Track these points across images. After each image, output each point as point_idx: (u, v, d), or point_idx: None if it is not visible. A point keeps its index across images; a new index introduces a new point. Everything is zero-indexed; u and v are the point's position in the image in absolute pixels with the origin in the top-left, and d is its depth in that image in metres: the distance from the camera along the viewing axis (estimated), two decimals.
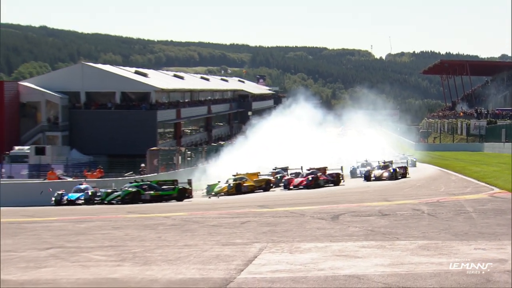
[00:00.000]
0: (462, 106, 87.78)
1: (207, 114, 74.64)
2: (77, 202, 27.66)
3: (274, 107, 73.50)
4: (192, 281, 7.70)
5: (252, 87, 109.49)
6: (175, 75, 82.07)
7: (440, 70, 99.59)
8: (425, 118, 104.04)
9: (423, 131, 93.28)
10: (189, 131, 70.90)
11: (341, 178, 33.68)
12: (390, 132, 78.79)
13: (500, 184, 23.19)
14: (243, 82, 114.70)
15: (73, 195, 28.21)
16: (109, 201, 26.91)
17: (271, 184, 33.78)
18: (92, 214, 19.38)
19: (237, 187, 31.24)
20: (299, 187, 31.34)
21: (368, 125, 65.43)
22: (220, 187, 31.17)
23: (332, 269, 8.15)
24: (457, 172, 34.70)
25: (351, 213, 15.09)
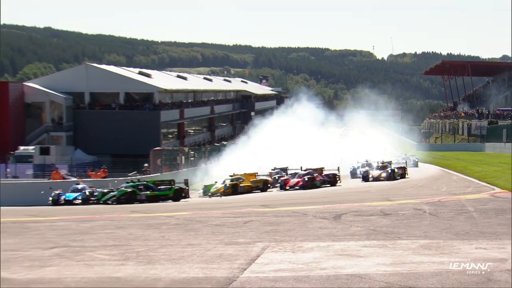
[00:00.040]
0: (464, 107, 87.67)
1: (210, 115, 74.67)
2: (75, 202, 27.45)
3: (277, 108, 73.45)
4: (196, 280, 7.73)
5: (255, 88, 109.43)
6: (179, 76, 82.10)
7: (442, 71, 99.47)
8: (427, 119, 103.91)
9: (425, 131, 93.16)
10: (192, 131, 70.96)
11: (338, 179, 33.35)
12: (392, 132, 78.68)
13: (501, 184, 23.18)
14: (246, 83, 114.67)
15: (71, 195, 27.99)
16: (105, 201, 26.74)
17: (269, 185, 33.42)
18: (95, 214, 19.41)
19: (234, 188, 30.89)
20: (295, 188, 30.95)
21: (370, 126, 65.45)
22: (217, 188, 30.94)
23: (335, 268, 8.19)
24: (459, 172, 34.67)
25: (353, 213, 15.11)
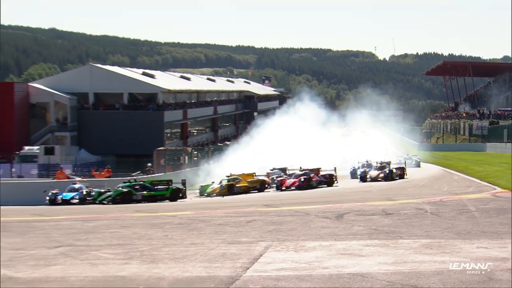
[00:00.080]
0: (465, 107, 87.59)
1: (213, 115, 74.68)
2: (72, 202, 27.31)
3: (279, 108, 73.50)
4: (199, 279, 7.80)
5: (258, 88, 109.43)
6: (182, 76, 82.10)
7: (443, 71, 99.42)
8: (428, 119, 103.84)
9: (426, 132, 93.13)
10: (196, 132, 70.99)
11: (335, 179, 32.91)
12: (394, 133, 78.63)
13: (502, 184, 23.24)
14: (249, 83, 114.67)
15: (68, 195, 27.83)
16: (100, 201, 26.65)
17: (266, 185, 33.05)
18: (100, 213, 19.49)
19: (229, 188, 30.51)
20: (291, 188, 30.47)
21: (372, 126, 65.35)
22: (213, 188, 30.66)
23: (337, 267, 8.25)
24: (460, 172, 34.62)
25: (355, 212, 15.17)
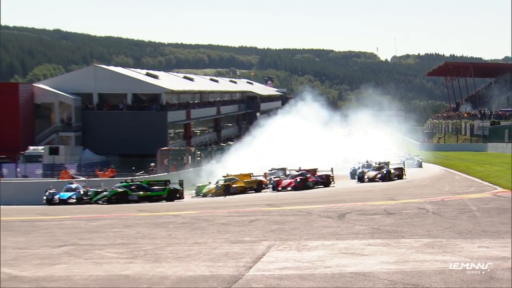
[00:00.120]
0: (466, 107, 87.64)
1: (216, 115, 74.76)
2: (69, 201, 27.41)
3: (282, 108, 73.55)
4: (202, 278, 7.83)
5: (260, 89, 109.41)
6: (185, 77, 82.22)
7: (445, 72, 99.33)
8: (430, 119, 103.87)
9: (428, 132, 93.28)
10: (199, 132, 71.01)
11: (331, 180, 32.73)
12: (396, 133, 78.71)
13: (503, 184, 23.27)
14: (252, 84, 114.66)
15: (65, 194, 27.94)
16: (96, 201, 26.76)
17: (263, 185, 32.87)
18: (103, 213, 19.55)
19: (226, 188, 30.40)
20: (287, 189, 30.12)
21: (374, 126, 65.40)
22: (209, 188, 30.65)
23: (339, 267, 8.29)
24: (461, 172, 34.70)
25: (357, 212, 15.21)
